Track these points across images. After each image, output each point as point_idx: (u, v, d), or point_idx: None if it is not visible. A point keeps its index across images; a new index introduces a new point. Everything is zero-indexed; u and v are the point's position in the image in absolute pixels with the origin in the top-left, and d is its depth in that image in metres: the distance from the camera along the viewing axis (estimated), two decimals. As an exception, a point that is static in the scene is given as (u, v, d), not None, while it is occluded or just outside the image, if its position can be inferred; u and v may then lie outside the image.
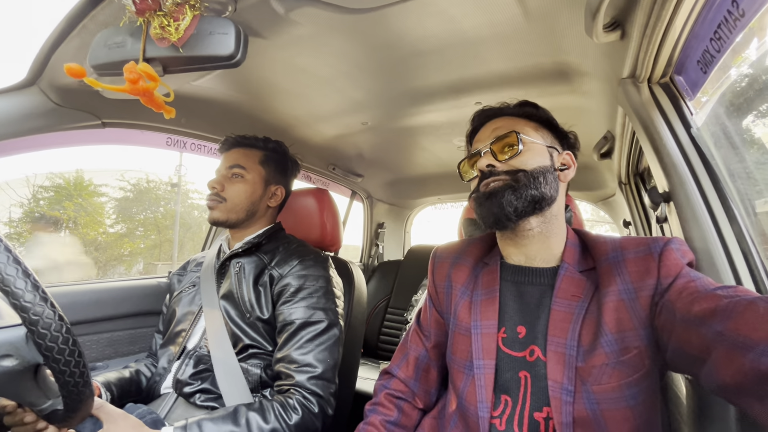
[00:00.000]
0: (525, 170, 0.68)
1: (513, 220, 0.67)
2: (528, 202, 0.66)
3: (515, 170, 0.69)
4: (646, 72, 0.77)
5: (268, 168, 1.10)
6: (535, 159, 0.70)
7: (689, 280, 0.55)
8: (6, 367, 0.52)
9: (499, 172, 0.69)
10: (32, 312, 0.48)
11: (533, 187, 0.67)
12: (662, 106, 0.79)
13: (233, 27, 0.56)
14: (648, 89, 0.82)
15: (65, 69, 0.52)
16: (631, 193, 1.52)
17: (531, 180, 0.67)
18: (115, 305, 1.21)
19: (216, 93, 1.14)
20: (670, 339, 0.53)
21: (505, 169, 0.69)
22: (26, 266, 0.49)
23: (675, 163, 0.74)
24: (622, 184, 1.59)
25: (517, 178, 0.68)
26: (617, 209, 2.01)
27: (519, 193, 0.66)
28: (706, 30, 0.64)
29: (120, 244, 10.90)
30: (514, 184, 0.67)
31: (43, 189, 9.29)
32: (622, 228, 1.81)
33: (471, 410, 0.67)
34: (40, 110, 0.87)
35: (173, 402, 0.92)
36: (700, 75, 0.72)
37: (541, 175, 0.68)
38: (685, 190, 0.71)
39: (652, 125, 0.79)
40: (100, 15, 0.64)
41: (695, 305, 0.50)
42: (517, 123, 0.74)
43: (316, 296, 0.95)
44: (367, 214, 2.48)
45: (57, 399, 0.58)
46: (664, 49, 0.69)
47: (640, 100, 0.82)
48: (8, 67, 18.73)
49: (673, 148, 0.75)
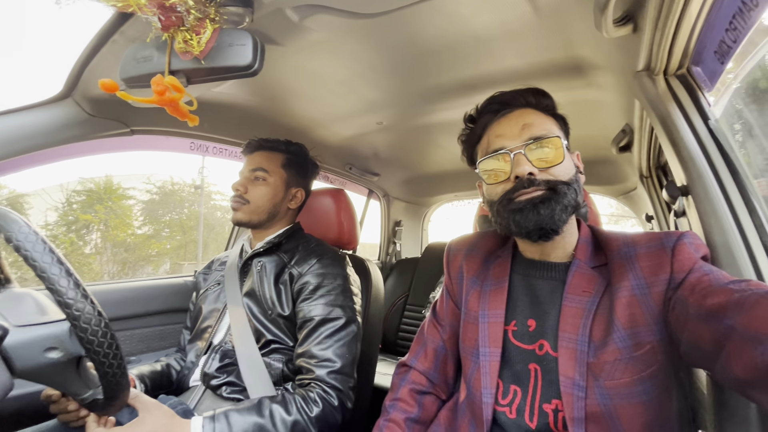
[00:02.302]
0: (566, 182, 0.64)
1: (558, 233, 0.65)
2: (569, 213, 0.64)
3: (557, 181, 0.64)
4: (662, 64, 0.76)
5: (290, 171, 1.13)
6: (570, 167, 0.67)
7: (703, 274, 0.55)
8: (52, 358, 0.57)
9: (538, 182, 0.64)
10: (74, 308, 0.52)
11: (572, 197, 0.64)
12: (679, 99, 0.78)
13: (251, 38, 0.59)
14: (664, 81, 0.80)
15: (100, 84, 0.56)
16: (652, 186, 1.49)
17: (569, 190, 0.64)
18: (146, 303, 1.27)
19: (236, 98, 1.18)
20: (683, 334, 0.53)
21: (545, 178, 0.64)
22: (68, 266, 0.54)
23: (693, 155, 0.73)
24: (643, 177, 1.55)
25: (557, 189, 0.63)
26: (639, 203, 1.96)
27: (564, 205, 0.63)
28: (722, 20, 0.63)
29: (148, 244, 11.30)
30: (556, 196, 0.63)
31: (75, 193, 9.74)
32: (645, 222, 1.77)
33: (477, 397, 0.68)
34: (74, 120, 0.93)
35: (201, 394, 0.96)
36: (717, 66, 0.70)
37: (575, 184, 0.66)
38: (703, 184, 0.70)
39: (669, 118, 0.77)
40: (129, 30, 0.68)
41: (707, 300, 0.49)
42: (545, 121, 0.69)
43: (334, 294, 0.98)
44: (384, 213, 2.50)
45: (97, 389, 0.63)
46: (678, 40, 0.68)
47: (656, 93, 0.80)
48: (45, 80, 19.98)
49: (691, 140, 0.74)
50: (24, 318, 0.57)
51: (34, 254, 0.52)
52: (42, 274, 0.52)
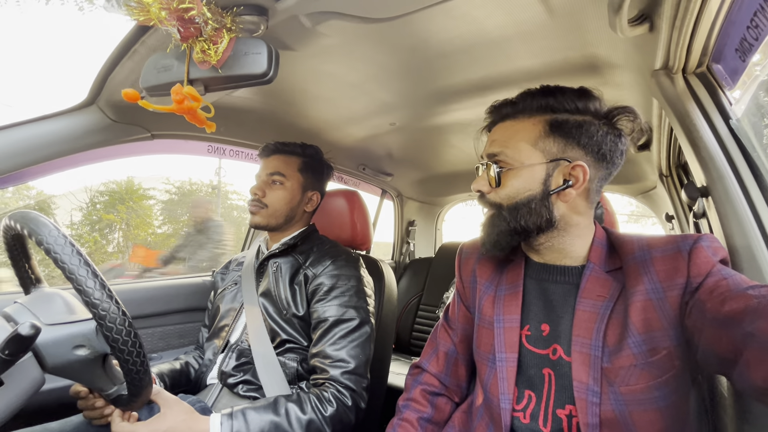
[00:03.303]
0: (505, 205, 0.66)
1: (504, 250, 0.68)
2: (511, 236, 0.66)
3: (496, 204, 0.67)
4: (680, 62, 0.74)
5: (306, 174, 1.15)
6: (518, 190, 0.65)
7: (720, 278, 0.53)
8: (80, 356, 0.60)
9: (487, 200, 0.69)
10: (101, 308, 0.55)
11: (513, 221, 0.65)
12: (699, 97, 0.76)
13: (265, 47, 0.60)
14: (683, 80, 0.78)
15: (123, 95, 0.59)
16: (673, 185, 1.45)
17: (510, 214, 0.65)
18: (166, 302, 1.31)
19: (251, 102, 1.21)
20: (701, 339, 0.52)
21: (492, 200, 0.68)
22: (95, 268, 0.56)
23: (713, 156, 0.71)
24: (663, 176, 1.51)
25: (499, 212, 0.67)
26: (659, 202, 1.91)
27: (499, 229, 0.66)
28: (743, 17, 0.61)
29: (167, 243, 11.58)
30: (497, 216, 0.67)
31: (99, 194, 10.06)
32: (665, 222, 1.72)
33: (494, 402, 0.68)
34: (98, 127, 0.96)
35: (219, 392, 0.99)
36: (738, 63, 0.68)
37: (523, 208, 0.65)
38: (723, 185, 0.68)
39: (688, 117, 0.76)
40: (149, 40, 0.71)
41: (725, 305, 0.48)
42: (517, 132, 0.67)
43: (348, 295, 0.99)
44: (398, 212, 2.50)
45: (122, 385, 0.66)
46: (697, 38, 0.67)
47: (674, 92, 0.79)
48: (69, 88, 20.95)
49: (711, 140, 0.72)
50: (54, 317, 0.60)
51: (63, 257, 0.55)
52: (70, 276, 0.54)
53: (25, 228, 0.57)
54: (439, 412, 0.82)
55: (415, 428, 0.78)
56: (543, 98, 0.67)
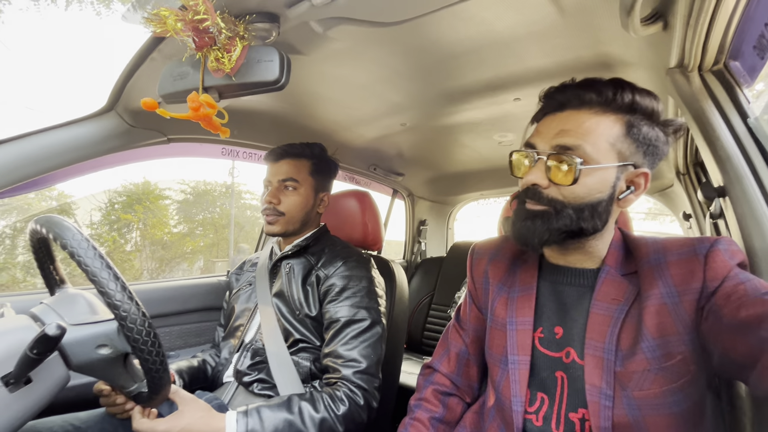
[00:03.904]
0: (572, 204, 0.60)
1: (538, 249, 0.64)
2: (560, 234, 0.61)
3: (562, 201, 0.61)
4: (696, 60, 0.73)
5: (317, 177, 1.15)
6: (591, 190, 0.59)
7: (738, 282, 0.52)
8: (102, 354, 0.62)
9: (542, 197, 0.61)
10: (122, 309, 0.57)
11: (574, 222, 0.60)
12: (715, 95, 0.75)
13: (277, 54, 0.62)
14: (699, 78, 0.77)
15: (142, 104, 0.61)
16: (690, 183, 1.42)
17: (573, 214, 0.60)
18: (183, 301, 1.35)
19: (263, 106, 1.23)
20: (717, 345, 0.51)
21: (552, 195, 0.61)
22: (116, 270, 0.59)
23: (730, 155, 0.69)
24: (680, 174, 1.48)
25: (558, 210, 0.61)
26: (676, 201, 1.87)
27: (552, 227, 0.60)
28: (761, 14, 0.60)
29: (183, 243, 11.81)
30: (553, 214, 0.61)
31: (117, 194, 10.31)
32: (683, 221, 1.69)
33: (506, 404, 0.68)
34: (117, 132, 0.99)
35: (234, 390, 1.01)
36: (757, 60, 0.67)
37: (588, 209, 0.60)
38: (741, 185, 0.67)
39: (704, 115, 0.74)
40: (165, 49, 0.73)
41: (742, 310, 0.48)
42: (595, 128, 0.60)
43: (359, 296, 1.00)
44: (409, 212, 2.51)
45: (142, 383, 0.68)
46: (713, 35, 0.65)
47: (690, 90, 0.77)
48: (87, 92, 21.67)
49: (728, 139, 0.71)
50: (78, 317, 0.63)
51: (86, 259, 0.57)
52: (93, 278, 0.57)
53: (51, 232, 0.59)
54: (451, 412, 0.82)
55: (427, 428, 0.79)
56: (628, 94, 0.61)
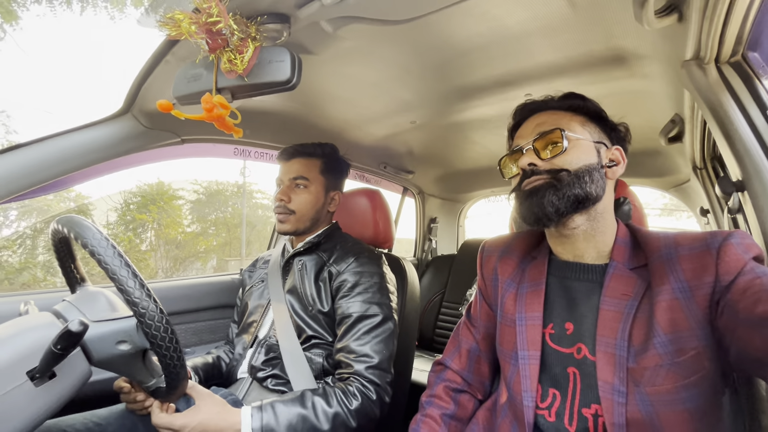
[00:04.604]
0: (568, 170, 0.66)
1: (554, 219, 0.66)
2: (570, 202, 0.65)
3: (558, 169, 0.67)
4: (712, 52, 0.71)
5: (328, 176, 1.17)
6: (581, 157, 0.67)
7: (754, 276, 0.51)
8: (123, 350, 0.64)
9: (541, 171, 0.68)
10: (141, 306, 0.59)
11: (577, 186, 0.65)
12: (733, 88, 0.73)
13: (288, 54, 0.62)
14: (716, 70, 0.75)
15: (158, 106, 0.62)
16: (708, 178, 1.39)
17: (575, 179, 0.65)
18: (198, 299, 1.37)
19: (274, 105, 1.24)
20: (733, 340, 0.50)
21: (548, 168, 0.68)
22: (134, 268, 0.60)
23: (748, 148, 0.68)
24: (696, 169, 1.45)
25: (559, 177, 0.66)
26: (693, 196, 1.83)
27: (561, 193, 0.65)
28: (781, 3, 0.58)
29: (196, 242, 11.97)
30: (557, 183, 0.66)
31: (132, 195, 10.51)
32: (700, 216, 1.65)
33: (518, 400, 0.68)
34: (133, 133, 1.02)
35: (249, 386, 1.03)
36: (776, 51, 0.65)
37: (587, 174, 0.66)
38: (761, 179, 0.65)
39: (722, 108, 0.73)
40: (179, 51, 0.74)
41: (759, 305, 0.47)
42: (562, 118, 0.71)
43: (371, 291, 1.01)
44: (419, 210, 2.50)
45: (160, 378, 0.70)
46: (730, 26, 0.64)
47: (707, 83, 0.76)
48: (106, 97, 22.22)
49: (747, 132, 0.69)
50: (98, 314, 0.65)
51: (106, 258, 0.58)
52: (113, 276, 0.58)
53: (72, 232, 0.61)
54: (462, 409, 0.83)
55: (439, 424, 0.79)
56: (574, 100, 0.73)
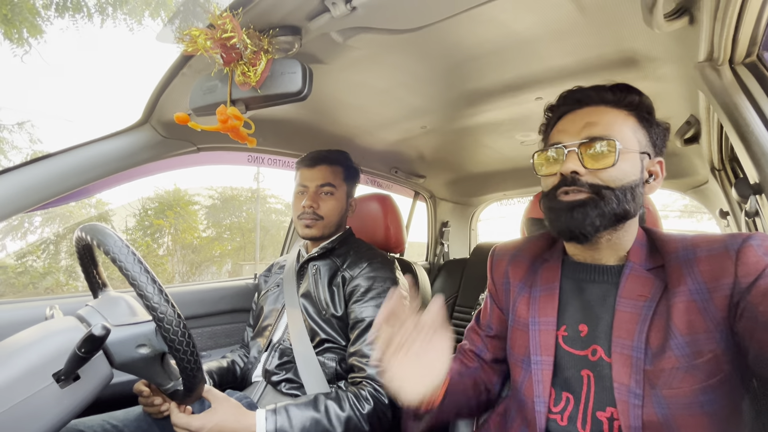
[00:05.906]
0: (612, 187, 0.62)
1: (590, 238, 0.63)
2: (610, 221, 0.62)
3: (602, 185, 0.62)
4: (726, 53, 0.70)
5: (349, 183, 1.20)
6: (627, 173, 0.62)
7: None
8: (142, 354, 0.66)
9: (583, 183, 0.63)
10: (159, 311, 0.61)
11: (618, 205, 0.61)
12: (748, 89, 0.72)
13: (300, 66, 0.64)
14: (730, 71, 0.74)
15: (175, 118, 0.65)
16: (726, 179, 1.36)
17: (617, 197, 0.61)
18: (214, 303, 1.40)
19: (286, 114, 1.26)
20: (752, 343, 0.49)
21: (591, 181, 0.62)
22: (153, 274, 0.62)
23: (765, 150, 0.67)
24: (715, 170, 1.42)
25: (602, 194, 0.61)
26: (711, 198, 1.79)
27: (602, 211, 0.61)
28: (795, 3, 0.57)
29: (211, 246, 12.18)
30: (599, 200, 0.61)
31: (149, 201, 10.77)
32: (720, 219, 1.61)
33: (528, 404, 0.68)
34: (151, 143, 1.05)
35: (263, 389, 1.05)
36: (793, 51, 0.64)
37: (629, 192, 0.62)
38: None
39: (737, 110, 0.72)
40: (195, 64, 0.77)
41: None
42: (615, 119, 0.65)
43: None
44: (431, 214, 2.50)
45: (178, 381, 0.72)
46: (743, 27, 0.63)
47: (721, 84, 0.75)
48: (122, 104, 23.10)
49: (763, 134, 0.68)
50: (120, 318, 0.67)
51: (127, 264, 0.61)
52: (133, 282, 0.61)
53: (95, 239, 0.64)
54: (485, 372, 0.83)
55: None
56: (630, 95, 0.66)
